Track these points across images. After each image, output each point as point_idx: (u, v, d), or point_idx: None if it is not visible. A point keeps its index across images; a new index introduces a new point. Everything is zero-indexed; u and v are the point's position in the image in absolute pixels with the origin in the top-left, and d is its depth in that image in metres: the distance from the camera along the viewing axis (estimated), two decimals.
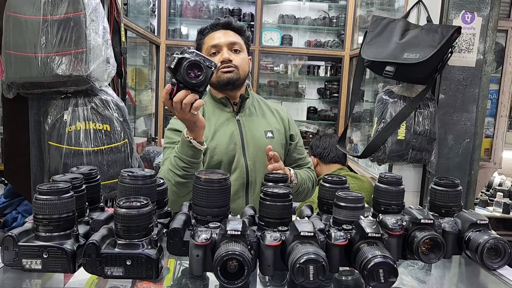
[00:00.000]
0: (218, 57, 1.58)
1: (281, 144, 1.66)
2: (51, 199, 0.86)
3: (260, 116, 1.69)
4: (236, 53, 1.61)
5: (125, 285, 0.97)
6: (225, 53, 1.58)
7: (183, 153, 1.38)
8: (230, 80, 1.59)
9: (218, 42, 1.59)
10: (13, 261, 0.86)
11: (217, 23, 1.63)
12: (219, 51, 1.59)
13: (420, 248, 0.94)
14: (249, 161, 1.59)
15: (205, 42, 1.63)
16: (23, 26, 1.66)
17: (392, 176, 1.13)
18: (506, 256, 0.99)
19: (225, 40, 1.60)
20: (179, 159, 1.40)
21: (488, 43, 2.04)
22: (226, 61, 1.57)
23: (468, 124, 2.11)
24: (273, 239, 0.89)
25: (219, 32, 1.62)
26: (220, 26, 1.63)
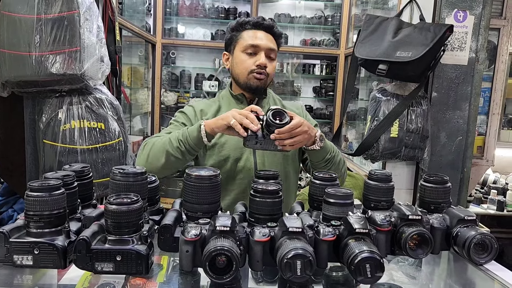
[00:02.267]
0: (253, 59, 1.55)
1: (294, 154, 1.62)
2: (42, 196, 0.87)
3: None
4: (270, 60, 1.58)
5: (118, 281, 0.98)
6: (263, 58, 1.54)
7: (190, 134, 1.38)
8: (258, 88, 1.58)
9: (259, 44, 1.54)
10: (5, 257, 0.87)
11: (261, 23, 1.57)
12: (256, 53, 1.55)
13: (408, 244, 0.95)
14: (258, 160, 1.56)
15: (242, 37, 1.57)
16: (17, 24, 1.66)
17: (382, 173, 1.15)
18: (493, 251, 1.00)
19: (266, 44, 1.55)
20: (182, 136, 1.39)
21: (480, 41, 2.06)
22: (261, 67, 1.54)
23: (460, 122, 2.12)
24: (262, 235, 0.90)
25: (261, 33, 1.56)
26: (263, 27, 1.57)
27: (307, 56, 4.67)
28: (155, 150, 1.43)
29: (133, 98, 3.81)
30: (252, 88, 1.57)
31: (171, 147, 1.39)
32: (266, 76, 1.57)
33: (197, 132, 1.36)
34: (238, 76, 1.59)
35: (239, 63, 1.57)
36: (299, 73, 4.75)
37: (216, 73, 4.59)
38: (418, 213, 0.99)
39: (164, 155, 1.40)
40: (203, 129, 1.35)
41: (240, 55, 1.57)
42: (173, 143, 1.39)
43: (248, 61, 1.55)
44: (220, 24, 4.59)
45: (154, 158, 1.42)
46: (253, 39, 1.55)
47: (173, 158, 1.40)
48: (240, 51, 1.57)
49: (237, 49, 1.59)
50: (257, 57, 1.55)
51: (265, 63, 1.54)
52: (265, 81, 1.57)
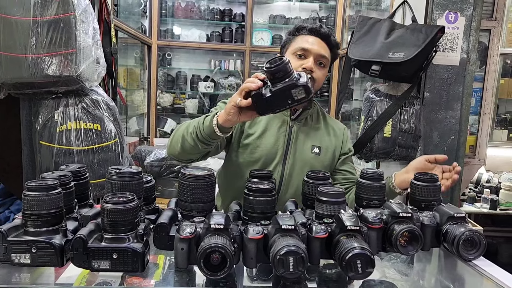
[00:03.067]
0: (301, 62, 1.53)
1: (326, 162, 1.60)
2: (40, 195, 0.88)
3: (313, 129, 1.62)
4: (320, 67, 1.56)
5: (115, 280, 1.00)
6: (310, 62, 1.52)
7: (205, 129, 1.34)
8: None
9: (309, 48, 1.53)
10: (3, 256, 0.88)
11: (318, 30, 1.56)
12: (306, 57, 1.54)
13: (399, 241, 0.97)
14: (286, 171, 1.54)
15: (296, 40, 1.57)
16: (13, 27, 1.67)
17: (374, 171, 1.17)
18: (481, 247, 1.02)
19: (317, 50, 1.54)
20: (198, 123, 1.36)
21: (471, 42, 2.09)
22: (308, 70, 1.51)
23: (452, 122, 2.15)
24: (256, 232, 0.92)
25: (315, 39, 1.56)
26: (318, 34, 1.56)
27: None
28: (177, 134, 1.43)
29: (129, 99, 3.83)
30: None
31: (187, 133, 1.38)
32: (312, 81, 1.49)
33: (210, 122, 1.32)
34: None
35: None
36: None
37: (212, 74, 4.61)
38: (408, 210, 1.01)
39: (180, 140, 1.40)
40: (215, 120, 1.30)
41: (289, 57, 1.55)
42: (189, 129, 1.38)
43: (296, 62, 1.53)
44: (215, 26, 4.61)
45: (174, 142, 1.44)
46: (305, 43, 1.54)
47: (187, 144, 1.39)
48: (291, 53, 1.57)
49: (288, 52, 1.58)
50: (305, 60, 1.54)
51: (312, 67, 1.51)
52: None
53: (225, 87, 4.54)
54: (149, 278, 0.98)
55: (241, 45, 4.38)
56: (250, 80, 1.20)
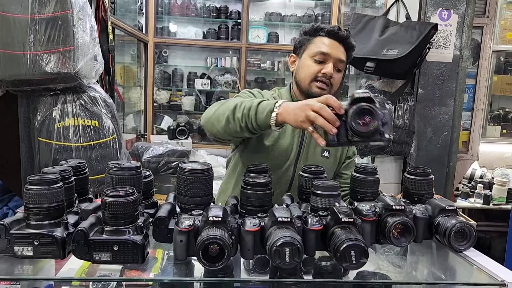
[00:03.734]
0: (320, 67, 1.50)
1: (333, 165, 1.62)
2: (41, 189, 0.90)
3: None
4: (338, 72, 1.53)
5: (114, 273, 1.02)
6: (331, 67, 1.49)
7: (259, 119, 1.22)
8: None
9: (330, 52, 1.49)
10: (5, 249, 0.90)
11: (337, 32, 1.51)
12: (325, 62, 1.50)
13: (392, 233, 1.00)
14: (297, 171, 1.53)
15: (314, 42, 1.52)
16: (11, 24, 1.69)
17: (368, 166, 1.19)
18: (472, 239, 1.05)
19: (336, 54, 1.50)
20: (249, 117, 1.24)
21: (464, 39, 2.12)
22: (327, 76, 1.49)
23: (446, 118, 2.18)
24: (253, 225, 0.94)
25: (334, 42, 1.51)
26: (337, 37, 1.51)
27: None
28: (219, 113, 1.33)
29: (126, 96, 3.84)
30: (313, 96, 1.43)
31: (233, 117, 1.28)
32: (329, 86, 1.51)
33: (266, 116, 1.20)
34: (301, 81, 1.54)
35: (304, 68, 1.53)
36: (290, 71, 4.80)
37: (208, 72, 4.62)
38: (401, 203, 1.04)
39: (224, 122, 1.30)
40: (274, 117, 1.19)
41: (307, 60, 1.52)
42: (236, 114, 1.27)
43: (315, 67, 1.50)
44: (211, 23, 4.62)
45: (215, 120, 1.34)
46: (324, 47, 1.50)
47: (232, 127, 1.30)
48: (309, 56, 1.52)
49: (306, 54, 1.54)
50: (324, 65, 1.50)
51: (332, 73, 1.49)
52: (327, 91, 1.51)
53: (222, 84, 4.56)
54: (148, 271, 1.01)
55: (237, 43, 4.40)
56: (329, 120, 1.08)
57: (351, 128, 1.05)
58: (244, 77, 4.36)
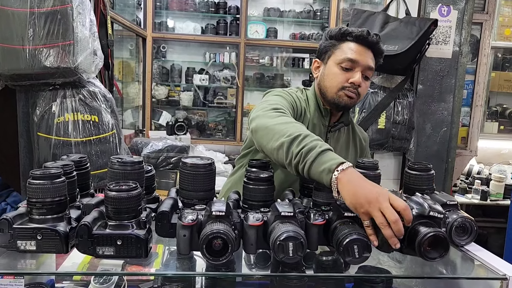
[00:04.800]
0: (348, 75, 1.40)
1: None
2: (44, 184, 0.90)
3: (345, 142, 1.56)
4: (366, 80, 1.44)
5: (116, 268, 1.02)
6: (359, 76, 1.39)
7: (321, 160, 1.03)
8: (347, 107, 1.45)
9: (358, 59, 1.39)
10: (8, 243, 0.90)
11: (366, 38, 1.40)
12: (353, 69, 1.40)
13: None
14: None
15: (341, 48, 1.42)
16: (10, 18, 1.67)
17: (369, 161, 1.19)
18: (473, 233, 1.06)
19: (366, 62, 1.41)
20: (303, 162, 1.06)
21: (463, 35, 2.12)
22: (355, 85, 1.40)
23: (445, 114, 2.19)
24: (256, 219, 0.94)
25: (362, 48, 1.41)
26: (366, 42, 1.41)
27: (296, 50, 4.71)
28: (278, 129, 1.16)
29: (124, 92, 3.82)
30: (339, 105, 1.44)
31: (289, 145, 1.10)
32: (357, 96, 1.43)
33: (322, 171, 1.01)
34: (327, 89, 1.45)
35: (331, 76, 1.43)
36: (289, 67, 4.79)
37: (207, 67, 4.61)
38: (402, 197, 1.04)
39: (278, 143, 1.12)
40: (334, 181, 0.98)
41: (333, 68, 1.43)
42: (293, 147, 1.09)
43: (342, 76, 1.41)
44: (210, 18, 4.60)
45: (269, 134, 1.17)
46: (352, 53, 1.40)
47: (280, 153, 1.12)
48: (335, 63, 1.43)
49: (332, 60, 1.44)
50: (352, 73, 1.41)
51: (360, 82, 1.40)
52: (355, 101, 1.45)
53: (220, 79, 4.55)
54: (149, 266, 1.01)
55: (236, 38, 4.38)
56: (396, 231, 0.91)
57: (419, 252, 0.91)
58: (243, 72, 4.35)
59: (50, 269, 1.06)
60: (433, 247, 0.91)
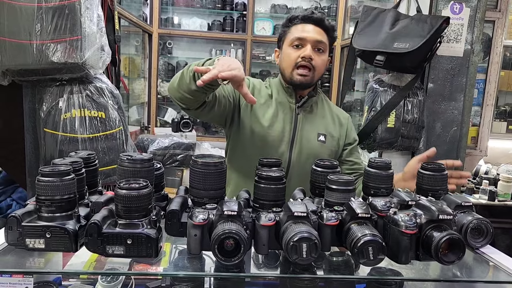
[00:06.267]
0: (300, 52, 1.54)
1: (331, 150, 1.62)
2: (54, 181, 0.89)
3: (319, 117, 1.65)
4: (319, 53, 1.56)
5: (123, 266, 1.01)
6: (309, 50, 1.52)
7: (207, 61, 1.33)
8: (303, 83, 1.56)
9: (305, 36, 1.54)
10: (17, 241, 0.89)
11: (310, 16, 1.56)
12: (303, 46, 1.54)
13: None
14: (293, 156, 1.56)
15: (291, 31, 1.58)
16: (18, 13, 1.66)
17: (382, 160, 1.17)
18: (489, 236, 1.04)
19: (313, 36, 1.54)
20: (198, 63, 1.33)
21: (475, 33, 2.09)
22: (307, 59, 1.53)
23: (455, 113, 2.16)
24: (268, 219, 0.93)
25: (309, 26, 1.56)
26: (311, 20, 1.56)
27: None
28: (179, 73, 1.41)
29: (130, 88, 3.81)
30: (295, 84, 1.56)
31: (187, 70, 1.35)
32: (311, 70, 1.54)
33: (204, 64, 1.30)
34: (284, 70, 1.59)
35: (285, 57, 1.58)
36: None
37: None
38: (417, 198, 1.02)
39: (179, 76, 1.38)
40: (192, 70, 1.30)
41: (287, 49, 1.57)
42: (190, 67, 1.34)
43: (294, 53, 1.54)
44: (216, 15, 4.58)
45: (174, 79, 1.41)
46: (300, 32, 1.54)
47: (184, 81, 1.35)
48: (288, 45, 1.57)
49: (285, 44, 1.58)
50: (303, 49, 1.54)
51: (310, 55, 1.52)
52: (310, 77, 1.55)
53: None
54: (157, 265, 1.00)
55: (242, 35, 4.36)
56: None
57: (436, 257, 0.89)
58: (249, 69, 4.33)
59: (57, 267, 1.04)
60: (449, 250, 0.90)
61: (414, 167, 1.37)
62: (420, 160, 1.38)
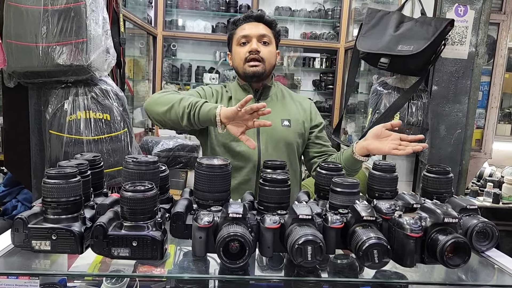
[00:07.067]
0: (247, 47, 1.65)
1: (298, 133, 1.68)
2: (60, 183, 0.89)
3: (280, 105, 1.73)
4: (265, 45, 1.67)
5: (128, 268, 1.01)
6: (254, 43, 1.64)
7: (202, 113, 1.41)
8: (256, 74, 1.65)
9: (248, 33, 1.65)
10: (23, 243, 0.90)
11: (250, 15, 1.69)
12: (249, 42, 1.65)
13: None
14: (262, 145, 1.63)
15: (236, 33, 1.69)
16: (24, 15, 1.67)
17: (386, 164, 1.17)
18: (494, 239, 1.03)
19: (256, 32, 1.66)
20: (194, 108, 1.43)
21: (480, 36, 2.08)
22: (253, 52, 1.63)
23: (460, 115, 2.15)
24: (273, 222, 0.93)
25: (251, 24, 1.68)
26: (252, 19, 1.68)
27: (307, 49, 4.69)
28: (166, 98, 1.50)
29: (134, 90, 3.82)
30: (249, 75, 1.66)
31: (179, 105, 1.45)
32: (261, 61, 1.64)
33: (210, 114, 1.39)
34: (237, 68, 1.70)
35: (235, 55, 1.69)
36: (299, 66, 4.77)
37: (217, 66, 4.60)
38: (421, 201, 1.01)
39: (168, 106, 1.47)
40: (219, 114, 1.38)
41: (236, 49, 1.69)
42: (183, 103, 1.45)
43: (242, 50, 1.66)
44: (221, 17, 4.60)
45: (160, 103, 1.50)
46: (243, 31, 1.67)
47: (173, 113, 1.46)
48: (236, 45, 1.69)
49: (234, 44, 1.70)
50: (248, 45, 1.65)
51: (256, 48, 1.63)
52: (261, 67, 1.65)
53: (230, 78, 4.54)
54: (161, 267, 1.00)
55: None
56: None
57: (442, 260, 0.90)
58: None
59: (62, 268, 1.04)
60: (455, 253, 0.89)
61: (378, 129, 1.48)
62: (384, 126, 1.48)
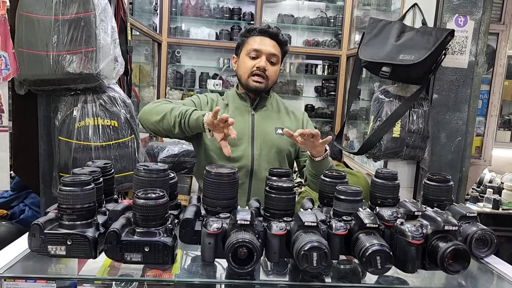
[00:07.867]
0: (255, 62, 1.69)
1: (290, 142, 1.73)
2: (75, 191, 0.93)
3: (274, 114, 1.79)
4: (272, 65, 1.72)
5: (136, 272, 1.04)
6: (263, 61, 1.69)
7: (191, 121, 1.51)
8: (257, 89, 1.72)
9: (261, 48, 1.69)
10: (40, 248, 0.93)
11: (267, 30, 1.72)
12: (259, 57, 1.70)
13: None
14: (255, 151, 1.69)
15: (248, 42, 1.73)
16: (35, 25, 1.71)
17: (388, 171, 1.21)
18: (493, 246, 1.06)
19: (267, 50, 1.70)
20: (184, 117, 1.52)
21: (480, 45, 2.12)
22: (261, 69, 1.68)
23: (460, 123, 2.19)
24: (279, 228, 0.96)
25: (265, 39, 1.71)
26: (268, 34, 1.72)
27: (310, 56, 4.73)
28: (159, 108, 1.60)
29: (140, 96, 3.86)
30: (250, 89, 1.72)
31: (170, 114, 1.55)
32: (265, 79, 1.70)
33: (199, 121, 1.48)
34: (241, 76, 1.74)
35: (242, 65, 1.73)
36: (302, 73, 4.81)
37: (220, 72, 4.65)
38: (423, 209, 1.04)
39: (161, 116, 1.57)
40: (205, 122, 1.47)
41: (244, 58, 1.73)
42: (175, 112, 1.55)
43: (250, 63, 1.70)
44: (224, 24, 4.64)
45: (154, 112, 1.61)
46: (256, 44, 1.70)
47: (166, 122, 1.56)
48: (245, 55, 1.72)
49: (243, 53, 1.74)
50: (257, 60, 1.70)
51: (264, 66, 1.68)
52: (264, 84, 1.71)
53: (233, 85, 4.58)
54: (168, 271, 1.03)
55: None
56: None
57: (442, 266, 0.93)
58: None
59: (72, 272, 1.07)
60: (455, 260, 0.93)
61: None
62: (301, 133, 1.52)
